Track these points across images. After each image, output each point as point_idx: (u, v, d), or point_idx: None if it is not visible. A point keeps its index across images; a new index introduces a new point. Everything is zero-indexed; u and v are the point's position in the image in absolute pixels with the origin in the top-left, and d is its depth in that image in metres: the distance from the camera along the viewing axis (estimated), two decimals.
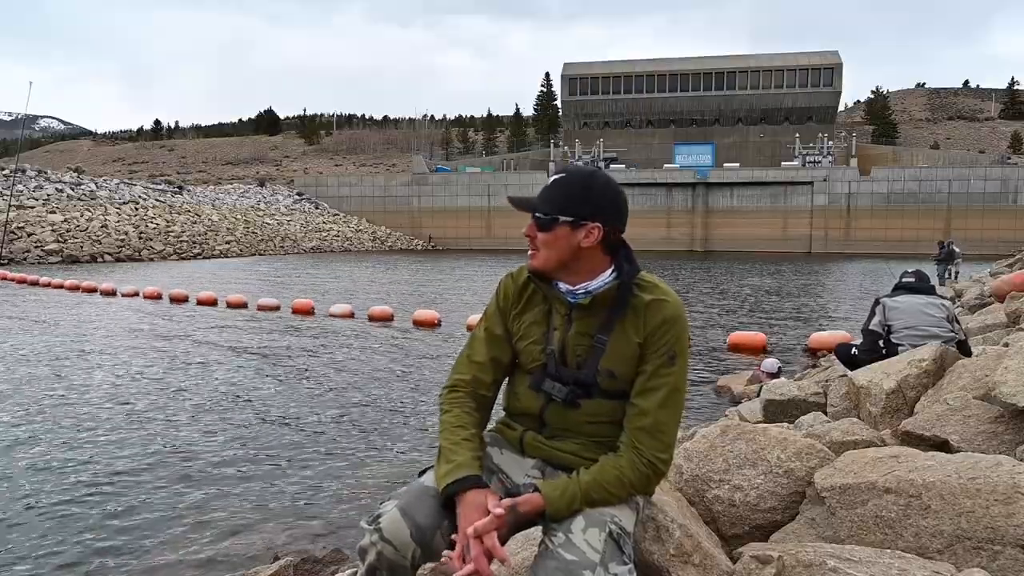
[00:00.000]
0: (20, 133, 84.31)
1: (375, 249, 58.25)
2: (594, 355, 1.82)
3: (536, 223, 1.83)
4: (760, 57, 78.46)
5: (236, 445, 5.92)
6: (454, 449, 1.78)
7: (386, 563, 1.67)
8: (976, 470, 2.05)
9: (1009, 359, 2.83)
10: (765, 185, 63.06)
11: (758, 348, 10.73)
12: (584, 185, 1.81)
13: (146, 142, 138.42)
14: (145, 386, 8.09)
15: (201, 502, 4.69)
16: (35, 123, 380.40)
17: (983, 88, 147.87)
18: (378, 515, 1.71)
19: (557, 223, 1.80)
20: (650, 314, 1.79)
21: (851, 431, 2.92)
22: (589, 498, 1.72)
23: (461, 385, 1.93)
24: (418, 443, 6.07)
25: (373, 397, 7.74)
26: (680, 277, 28.17)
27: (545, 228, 1.81)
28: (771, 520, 2.33)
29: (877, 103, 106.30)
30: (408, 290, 21.89)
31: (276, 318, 14.42)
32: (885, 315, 4.86)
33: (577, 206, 1.79)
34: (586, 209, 1.79)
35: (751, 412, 5.26)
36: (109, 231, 38.86)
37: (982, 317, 7.46)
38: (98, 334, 12.04)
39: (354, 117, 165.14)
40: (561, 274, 1.84)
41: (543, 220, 1.81)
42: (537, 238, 1.82)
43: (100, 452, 5.67)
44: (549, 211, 1.80)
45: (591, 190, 1.81)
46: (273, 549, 3.95)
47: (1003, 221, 57.19)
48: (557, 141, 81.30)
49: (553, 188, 1.83)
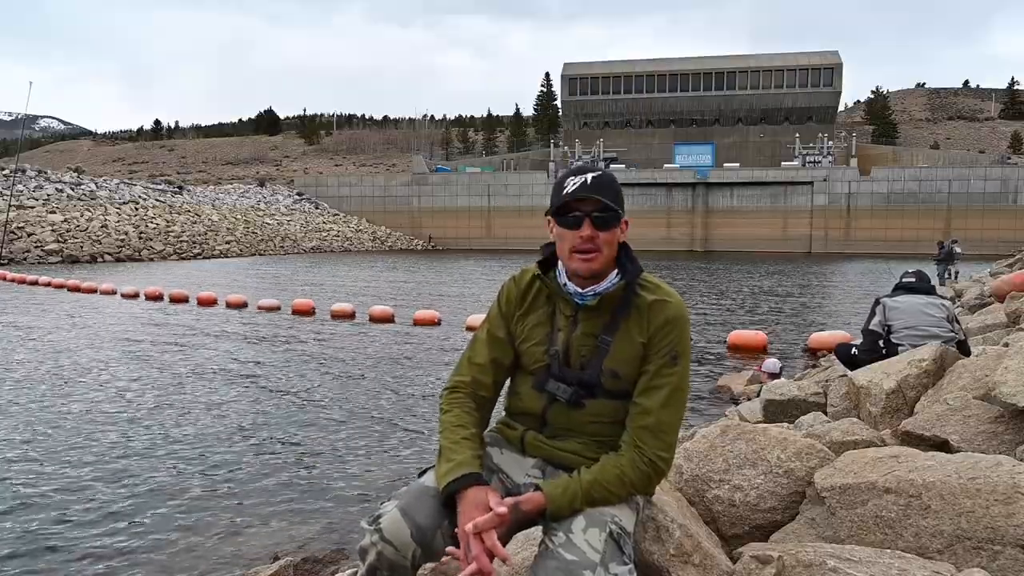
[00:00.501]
0: (20, 133, 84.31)
1: (375, 249, 58.23)
2: (598, 355, 1.82)
3: (595, 222, 1.77)
4: (760, 57, 78.45)
5: (236, 445, 5.92)
6: (454, 448, 1.78)
7: (387, 563, 1.67)
8: (976, 470, 2.05)
9: (1009, 359, 2.83)
10: (765, 185, 63.06)
11: (758, 348, 10.72)
12: (615, 180, 1.82)
13: (146, 142, 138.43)
14: (144, 386, 8.08)
15: (201, 502, 4.68)
16: (35, 123, 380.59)
17: (983, 88, 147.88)
18: (378, 515, 1.72)
19: (619, 219, 1.80)
20: (653, 315, 1.80)
21: (851, 431, 2.92)
22: (590, 497, 1.72)
23: (461, 386, 1.94)
24: (418, 443, 6.06)
25: (373, 397, 7.74)
26: (680, 277, 28.17)
27: (608, 226, 1.79)
28: (771, 520, 2.33)
29: (877, 103, 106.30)
30: (408, 290, 21.88)
31: (276, 318, 14.41)
32: (885, 315, 4.86)
33: (621, 201, 1.80)
34: (622, 204, 1.81)
35: (751, 412, 5.26)
36: (109, 231, 38.87)
37: (982, 317, 7.46)
38: (98, 334, 12.03)
39: (354, 117, 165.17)
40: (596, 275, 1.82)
41: (608, 218, 1.78)
42: (598, 238, 1.78)
43: (99, 452, 5.67)
44: (615, 206, 1.78)
45: (619, 185, 1.83)
46: (273, 549, 3.95)
47: (1003, 221, 57.20)
48: (557, 141, 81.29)
49: (602, 183, 1.78)
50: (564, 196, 1.78)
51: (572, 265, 1.81)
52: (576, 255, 1.79)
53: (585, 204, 1.77)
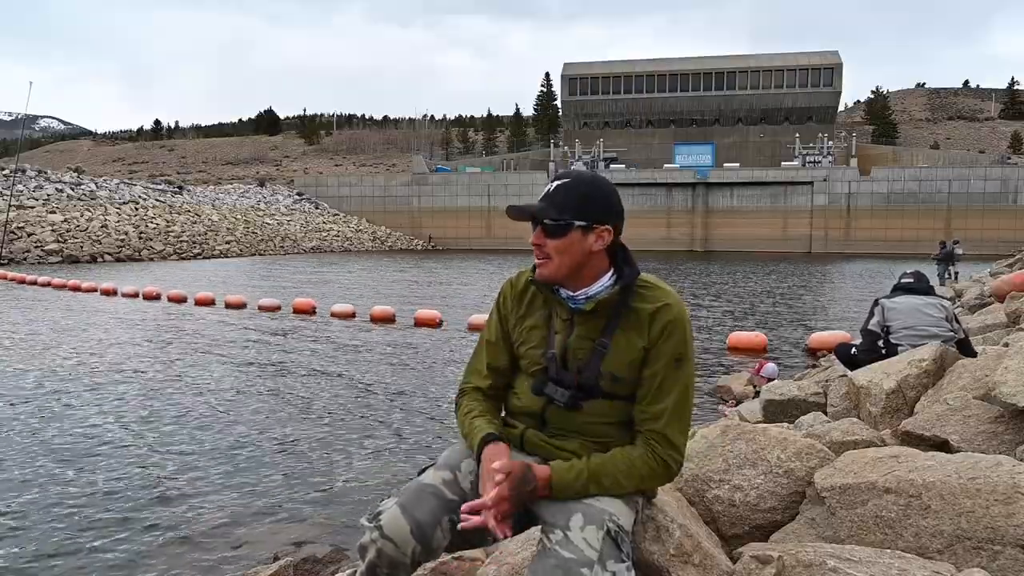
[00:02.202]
0: (20, 133, 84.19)
1: (375, 249, 58.23)
2: (596, 358, 1.83)
3: (545, 230, 1.78)
4: (760, 57, 78.44)
5: (236, 445, 5.92)
6: (471, 425, 1.89)
7: (386, 560, 1.68)
8: (976, 470, 2.05)
9: (1009, 359, 2.83)
10: (765, 185, 63.04)
11: (758, 348, 10.72)
12: (592, 187, 1.80)
13: (146, 142, 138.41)
14: (143, 386, 8.09)
15: (200, 502, 4.68)
16: (35, 123, 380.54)
17: (983, 88, 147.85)
18: (378, 512, 1.73)
19: (571, 228, 1.78)
20: (654, 318, 1.80)
21: (851, 431, 2.92)
22: (596, 479, 1.73)
23: (469, 391, 2.01)
24: (419, 442, 6.07)
25: (374, 396, 7.74)
26: (680, 277, 28.17)
27: (557, 234, 1.78)
28: (771, 520, 2.33)
29: (877, 103, 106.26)
30: (409, 290, 21.89)
31: (277, 318, 14.41)
32: (884, 316, 4.86)
33: (588, 210, 1.78)
34: (596, 212, 1.78)
35: (751, 412, 5.26)
36: (109, 231, 38.86)
37: (982, 317, 7.46)
38: (98, 334, 12.04)
39: (354, 117, 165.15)
40: (570, 281, 1.83)
41: (554, 226, 1.78)
42: (547, 245, 1.79)
43: (97, 452, 5.67)
44: (560, 216, 1.77)
45: (600, 192, 1.80)
46: (273, 549, 3.95)
47: (1003, 221, 57.19)
48: (557, 141, 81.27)
49: (561, 192, 1.79)
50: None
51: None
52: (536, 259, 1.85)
53: (542, 211, 1.79)
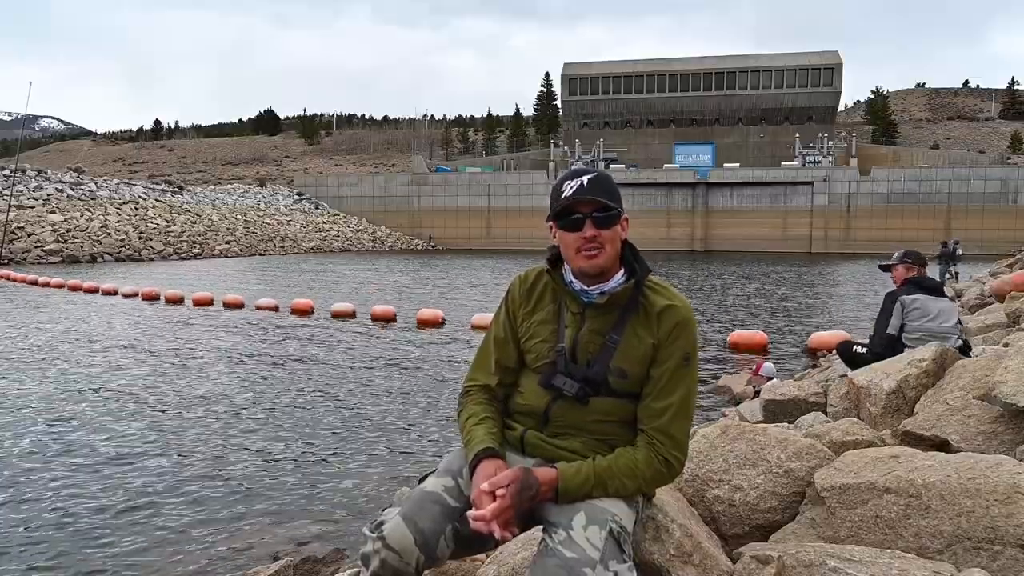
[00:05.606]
0: (20, 133, 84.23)
1: (375, 249, 58.22)
2: (605, 353, 1.84)
3: (595, 221, 1.81)
4: (760, 57, 78.47)
5: (235, 445, 5.91)
6: (470, 433, 1.87)
7: (390, 570, 1.69)
8: (976, 470, 2.05)
9: (1009, 359, 2.83)
10: (765, 185, 63.05)
11: (758, 347, 10.72)
12: (611, 179, 1.87)
13: (146, 142, 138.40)
14: (142, 386, 8.08)
15: (201, 502, 4.68)
16: (35, 123, 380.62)
17: (983, 88, 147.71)
18: (381, 522, 1.73)
19: (620, 217, 1.84)
20: (663, 318, 1.83)
21: (851, 431, 2.92)
22: (602, 481, 1.74)
23: (474, 390, 2.00)
24: (419, 442, 6.06)
25: (375, 397, 7.73)
26: (680, 277, 28.16)
27: (608, 224, 1.82)
28: (771, 520, 2.33)
29: (877, 103, 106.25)
30: (409, 289, 21.87)
31: (276, 318, 14.41)
32: (904, 312, 4.81)
33: (619, 199, 1.84)
34: (620, 201, 1.85)
35: (751, 412, 5.26)
36: (109, 231, 38.87)
37: (982, 317, 7.45)
38: (97, 334, 12.03)
39: (354, 117, 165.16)
40: (609, 271, 1.86)
41: (607, 216, 1.81)
42: (600, 235, 1.81)
43: (97, 452, 5.66)
44: (614, 205, 1.82)
45: (615, 183, 1.88)
46: (273, 549, 3.95)
47: (1003, 221, 57.20)
48: (557, 141, 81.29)
49: (598, 184, 1.82)
50: (563, 200, 1.82)
51: (578, 264, 1.84)
52: (581, 253, 1.82)
53: (585, 206, 1.80)
